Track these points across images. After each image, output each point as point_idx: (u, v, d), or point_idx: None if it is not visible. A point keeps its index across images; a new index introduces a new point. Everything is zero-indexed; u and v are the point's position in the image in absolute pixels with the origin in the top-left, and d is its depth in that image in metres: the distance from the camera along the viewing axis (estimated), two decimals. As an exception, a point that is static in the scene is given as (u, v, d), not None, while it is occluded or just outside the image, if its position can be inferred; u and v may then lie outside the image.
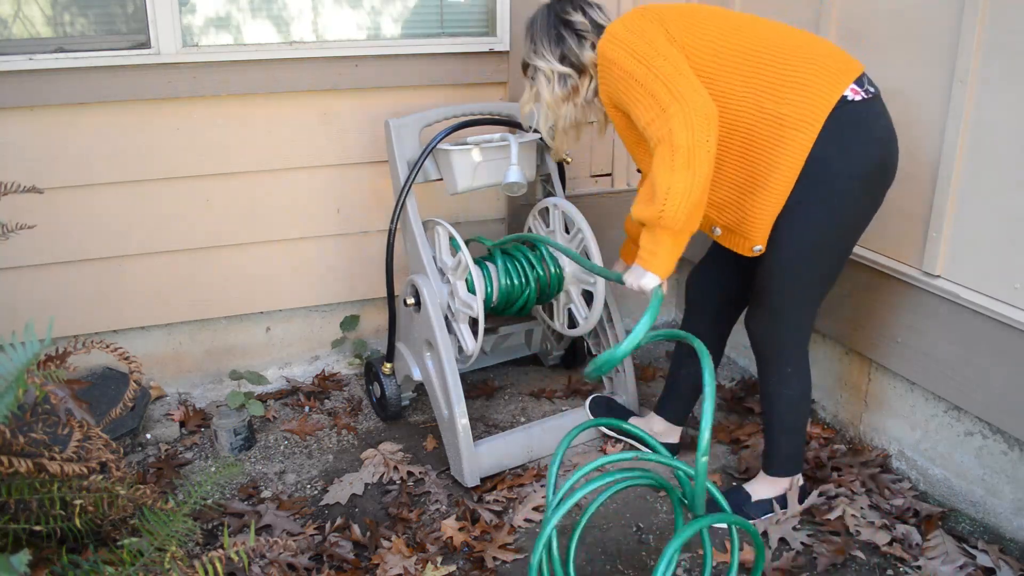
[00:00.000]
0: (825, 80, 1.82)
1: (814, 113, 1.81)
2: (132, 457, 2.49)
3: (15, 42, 2.39)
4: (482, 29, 2.82)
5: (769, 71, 1.84)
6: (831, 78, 1.82)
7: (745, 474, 2.37)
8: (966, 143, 2.04)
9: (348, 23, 2.69)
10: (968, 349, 2.08)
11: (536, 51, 2.08)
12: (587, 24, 2.05)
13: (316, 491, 2.36)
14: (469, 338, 2.40)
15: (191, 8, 2.50)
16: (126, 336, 2.70)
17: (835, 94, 1.82)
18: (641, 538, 2.15)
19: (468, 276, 2.37)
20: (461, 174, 2.44)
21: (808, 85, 1.82)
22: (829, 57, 1.86)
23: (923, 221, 2.17)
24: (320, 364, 3.00)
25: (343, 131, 2.73)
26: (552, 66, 2.05)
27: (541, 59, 2.07)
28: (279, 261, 2.80)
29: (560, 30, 2.05)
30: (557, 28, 2.05)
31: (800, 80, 1.82)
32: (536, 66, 2.08)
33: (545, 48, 2.06)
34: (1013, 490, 2.06)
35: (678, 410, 2.43)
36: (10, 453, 1.55)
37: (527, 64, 2.13)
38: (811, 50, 1.86)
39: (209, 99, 2.56)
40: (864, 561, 2.04)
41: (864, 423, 2.50)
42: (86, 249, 2.57)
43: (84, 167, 2.49)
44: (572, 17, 2.05)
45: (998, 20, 1.93)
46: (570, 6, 2.07)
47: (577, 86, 2.06)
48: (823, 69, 1.83)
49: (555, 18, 2.06)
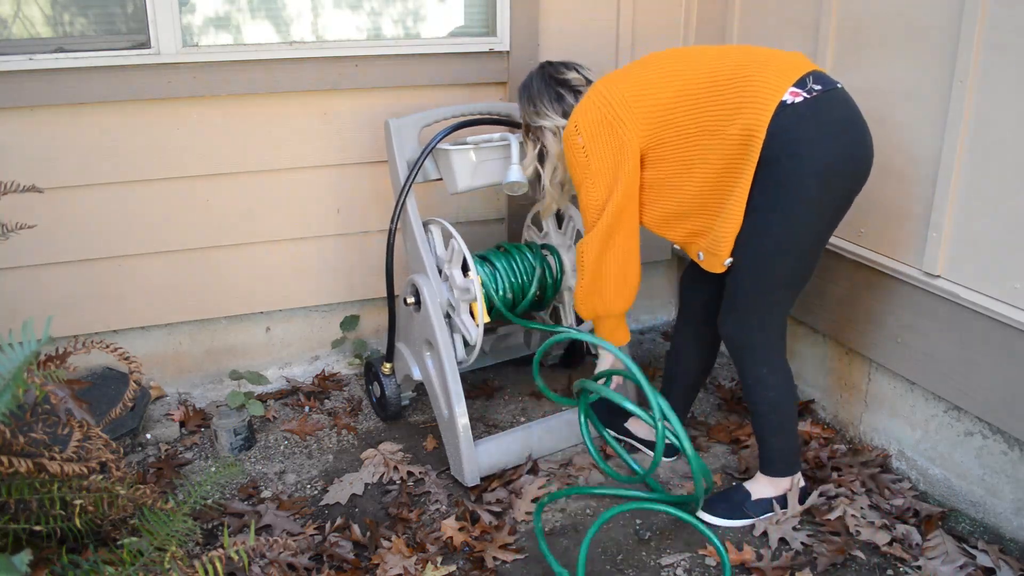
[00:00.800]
0: (764, 90, 1.86)
1: (757, 123, 1.85)
2: (132, 457, 2.49)
3: (15, 42, 2.39)
4: (482, 29, 2.82)
5: (717, 99, 1.91)
6: (770, 87, 1.86)
7: (745, 474, 2.37)
8: (966, 143, 2.04)
9: (348, 23, 2.69)
10: (968, 349, 2.08)
11: (539, 112, 2.23)
12: (582, 80, 2.23)
13: (316, 491, 2.36)
14: (471, 326, 2.40)
15: (191, 8, 2.50)
16: (126, 336, 2.70)
17: (772, 102, 1.85)
18: (641, 537, 2.15)
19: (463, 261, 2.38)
20: (461, 174, 2.44)
21: (749, 99, 1.86)
22: (765, 66, 1.89)
23: (923, 221, 2.17)
24: (320, 364, 3.00)
25: (343, 131, 2.73)
26: (556, 123, 2.21)
27: (545, 119, 2.22)
28: (279, 261, 2.80)
29: (558, 89, 2.22)
30: (554, 88, 2.21)
31: (742, 97, 1.87)
32: (542, 126, 2.23)
33: (547, 107, 2.21)
34: (1013, 490, 2.06)
35: (676, 407, 2.43)
36: (10, 453, 1.55)
37: (530, 127, 2.28)
38: (747, 68, 1.91)
39: (209, 99, 2.56)
40: (864, 561, 2.04)
41: (864, 423, 2.50)
42: (86, 249, 2.57)
43: (84, 167, 2.49)
44: (567, 76, 2.23)
45: (998, 20, 1.93)
46: (562, 67, 2.25)
47: None
48: (761, 79, 1.87)
49: (550, 79, 2.22)
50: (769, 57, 1.94)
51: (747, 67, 1.91)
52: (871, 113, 2.16)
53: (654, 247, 3.04)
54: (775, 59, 1.93)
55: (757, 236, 1.95)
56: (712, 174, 1.95)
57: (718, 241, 2.00)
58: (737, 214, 1.94)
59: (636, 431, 2.49)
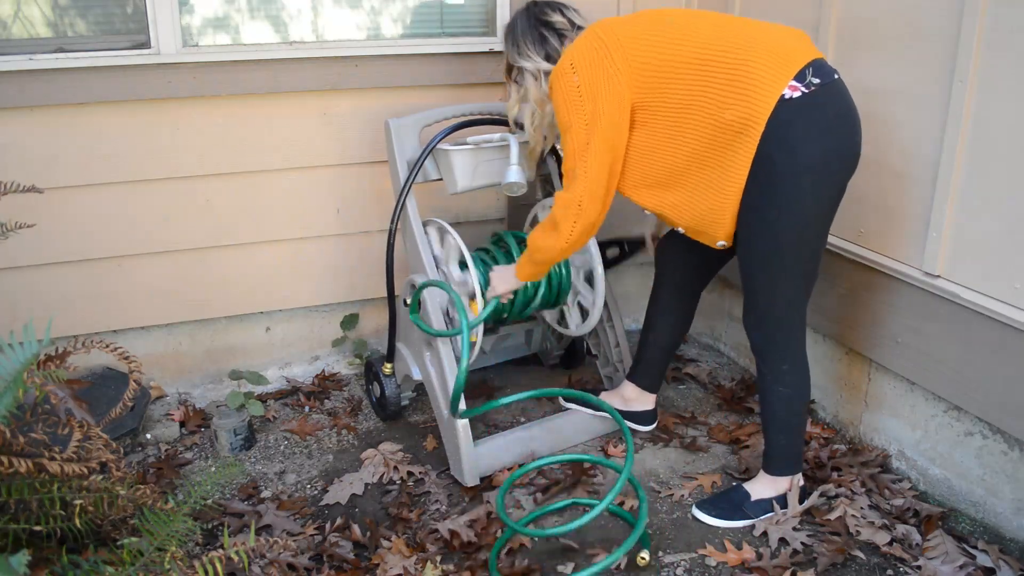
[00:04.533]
0: (763, 81, 1.85)
1: (755, 116, 1.85)
2: (132, 457, 2.49)
3: (15, 42, 2.39)
4: (482, 29, 2.82)
5: (714, 79, 1.89)
6: (770, 79, 1.85)
7: (745, 474, 2.37)
8: (966, 143, 2.03)
9: (348, 23, 2.69)
10: (968, 349, 2.08)
11: (520, 52, 2.18)
12: (566, 23, 2.17)
13: (316, 491, 2.36)
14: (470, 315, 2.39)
15: (191, 8, 2.50)
16: (126, 336, 2.70)
17: (774, 95, 1.84)
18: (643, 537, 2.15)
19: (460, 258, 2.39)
20: (461, 174, 2.44)
21: (748, 89, 1.86)
22: (769, 54, 1.88)
23: (923, 221, 2.17)
24: (320, 364, 3.00)
25: (343, 131, 2.73)
26: (538, 65, 2.17)
27: (527, 60, 2.18)
28: (279, 261, 2.80)
29: (541, 31, 2.17)
30: (538, 29, 2.17)
31: (740, 85, 1.86)
32: (522, 67, 2.20)
33: (529, 48, 2.17)
34: (1013, 490, 2.06)
35: (650, 375, 2.47)
36: (10, 453, 1.55)
37: (511, 67, 2.23)
38: (753, 50, 1.88)
39: (209, 99, 2.56)
40: (864, 561, 2.04)
41: (864, 423, 2.50)
42: (86, 249, 2.57)
43: (84, 167, 2.49)
44: (551, 18, 2.17)
45: (998, 20, 1.93)
46: (548, 8, 2.19)
47: None
48: (762, 69, 1.86)
49: (535, 20, 2.18)
50: (771, 39, 1.91)
51: (749, 50, 1.88)
52: (871, 113, 2.17)
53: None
54: (778, 43, 1.91)
55: (759, 236, 1.96)
56: (700, 153, 1.94)
57: (707, 222, 2.01)
58: (729, 202, 1.94)
59: (612, 403, 2.50)
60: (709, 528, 2.17)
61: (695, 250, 2.24)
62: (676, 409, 2.75)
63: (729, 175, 1.92)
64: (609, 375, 2.75)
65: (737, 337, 3.05)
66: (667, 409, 2.73)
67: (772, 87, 1.84)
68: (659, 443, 2.55)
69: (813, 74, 1.87)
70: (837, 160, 1.93)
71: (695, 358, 3.11)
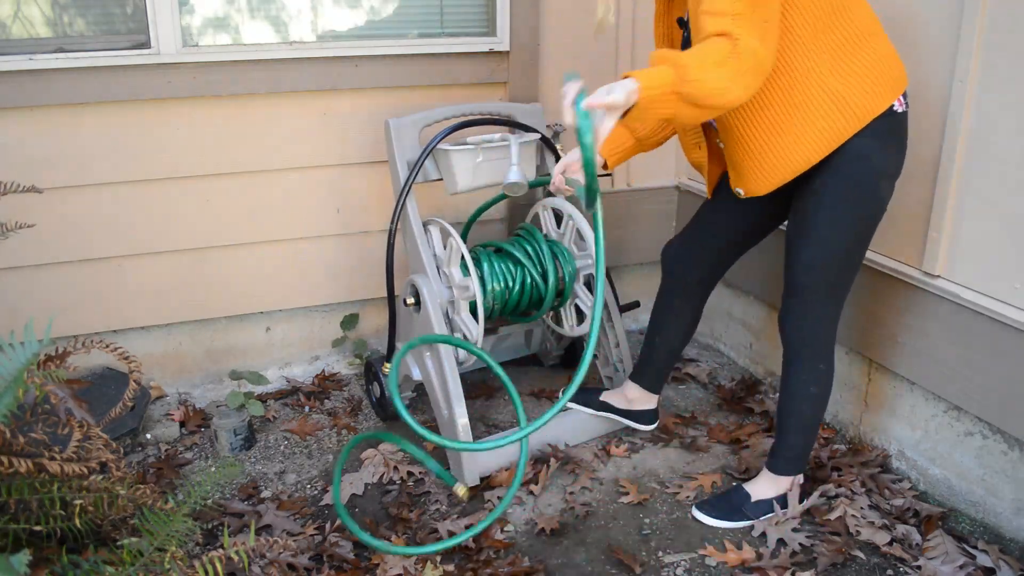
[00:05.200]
0: (886, 83, 1.86)
1: (865, 109, 1.84)
2: (132, 457, 2.49)
3: (15, 42, 2.39)
4: (482, 29, 2.82)
5: (845, 44, 1.82)
6: (890, 83, 1.86)
7: (745, 474, 2.37)
8: (966, 143, 2.04)
9: (348, 23, 2.69)
10: (968, 349, 2.08)
11: None
12: None
13: (316, 491, 2.35)
14: (472, 325, 2.39)
15: (191, 8, 2.50)
16: (126, 336, 2.70)
17: (889, 100, 1.86)
18: (643, 537, 2.15)
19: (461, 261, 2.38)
20: (461, 174, 2.44)
21: (869, 79, 1.84)
22: (893, 62, 1.88)
23: (923, 221, 2.17)
24: (320, 364, 3.00)
25: (343, 131, 2.73)
26: None
27: None
28: (279, 261, 2.80)
29: None
30: None
31: (864, 71, 1.84)
32: None
33: None
34: (1013, 490, 2.06)
35: (653, 377, 2.46)
36: (10, 453, 1.55)
37: None
38: (883, 50, 1.87)
39: (209, 99, 2.56)
40: (864, 561, 2.04)
41: (864, 423, 2.50)
42: (86, 249, 2.57)
43: (84, 167, 2.49)
44: None
45: (998, 20, 1.93)
46: None
47: None
48: (887, 71, 1.86)
49: None
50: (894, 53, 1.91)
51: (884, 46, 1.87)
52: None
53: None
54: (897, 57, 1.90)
55: (839, 227, 1.93)
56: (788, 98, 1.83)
57: (749, 165, 1.92)
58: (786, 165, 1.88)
59: (615, 403, 2.50)
60: (709, 528, 2.17)
61: (705, 253, 2.23)
62: (676, 409, 2.75)
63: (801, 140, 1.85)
64: (609, 375, 2.75)
65: (737, 337, 3.05)
66: (667, 409, 2.73)
67: (890, 92, 1.86)
68: (659, 443, 2.55)
69: (905, 97, 1.91)
70: (897, 176, 1.96)
71: (695, 358, 3.11)
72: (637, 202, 2.57)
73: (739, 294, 3.00)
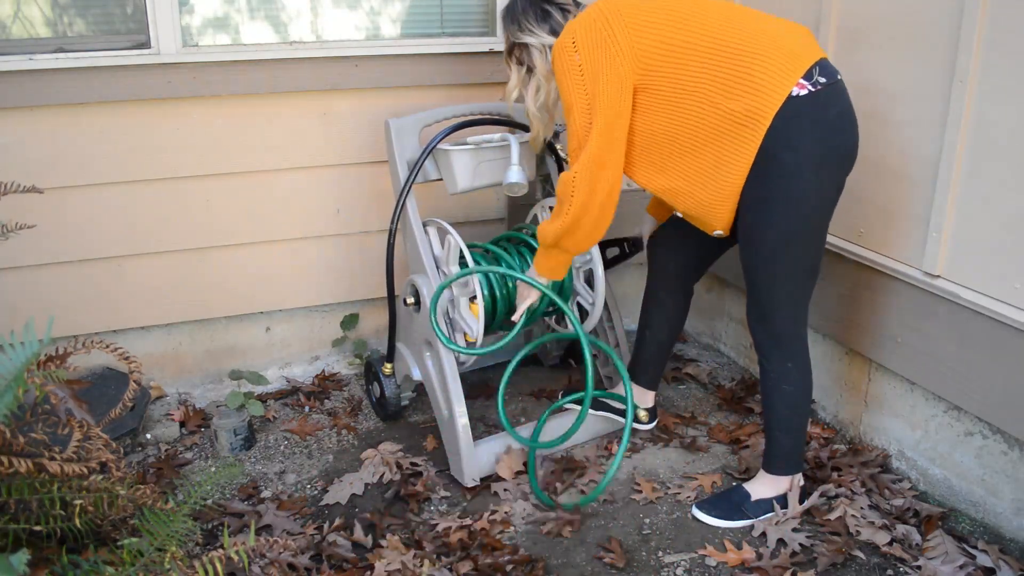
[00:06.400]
0: (774, 77, 1.85)
1: (762, 110, 1.85)
2: (132, 457, 2.49)
3: (15, 42, 2.39)
4: (482, 29, 2.82)
5: (721, 67, 1.88)
6: (780, 75, 1.85)
7: (745, 474, 2.37)
8: (966, 143, 2.04)
9: (348, 23, 2.69)
10: (968, 349, 2.08)
11: (523, 29, 2.15)
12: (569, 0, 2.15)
13: (316, 491, 2.36)
14: (472, 322, 2.38)
15: (191, 8, 2.50)
16: (126, 336, 2.70)
17: (783, 91, 1.85)
18: (643, 537, 2.15)
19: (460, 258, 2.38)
20: (461, 174, 2.43)
21: (757, 83, 1.85)
22: (779, 51, 1.88)
23: (923, 221, 2.17)
24: (320, 364, 3.00)
25: (343, 131, 2.73)
26: (543, 40, 2.14)
27: (530, 35, 2.14)
28: (279, 261, 2.80)
29: (543, 6, 2.15)
30: (540, 5, 2.14)
31: (749, 77, 1.86)
32: (526, 43, 2.14)
33: (533, 25, 2.13)
34: (1013, 490, 2.06)
35: (648, 373, 2.47)
36: (10, 453, 1.55)
37: (513, 46, 2.18)
38: (761, 43, 1.88)
39: (209, 99, 2.56)
40: (864, 561, 2.04)
41: (864, 423, 2.50)
42: (86, 249, 2.57)
43: (84, 167, 2.49)
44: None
45: (998, 20, 1.93)
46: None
47: None
48: (773, 65, 1.86)
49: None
50: (780, 35, 1.91)
51: (758, 43, 1.88)
52: (871, 112, 2.17)
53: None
54: (786, 39, 1.91)
55: (761, 229, 1.96)
56: (699, 140, 1.93)
57: (705, 211, 2.01)
58: (729, 193, 1.94)
59: (615, 403, 2.51)
60: (709, 528, 2.17)
61: (688, 242, 2.25)
62: (676, 409, 2.75)
63: (730, 166, 1.92)
64: (609, 375, 2.75)
65: (737, 337, 3.05)
66: (667, 409, 2.73)
67: (782, 83, 1.85)
68: (659, 443, 2.55)
69: (819, 73, 1.88)
70: (837, 157, 1.94)
71: (695, 358, 3.11)
72: (639, 201, 2.57)
73: (739, 294, 3.00)
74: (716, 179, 1.95)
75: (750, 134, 1.87)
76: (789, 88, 1.85)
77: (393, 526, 2.18)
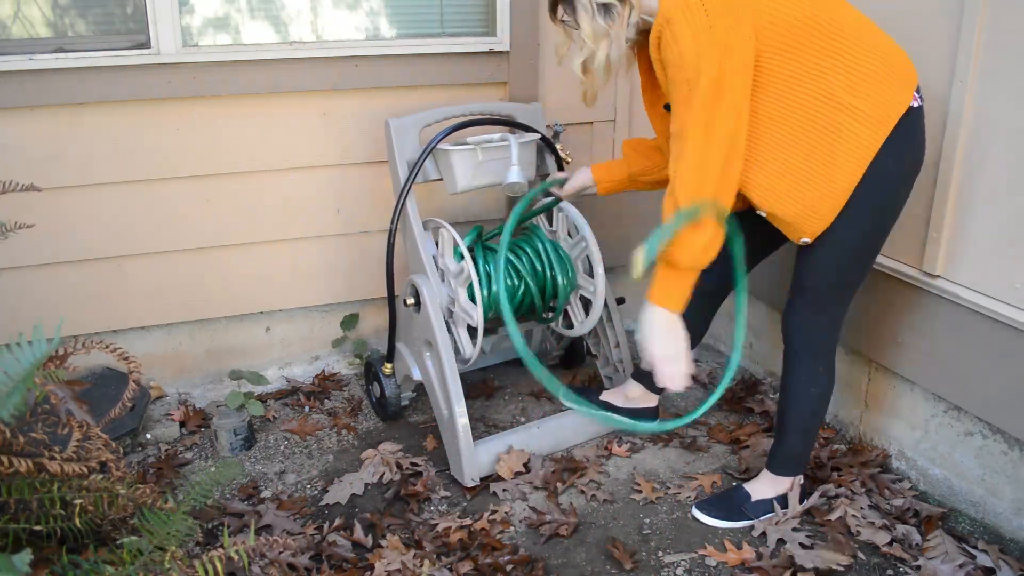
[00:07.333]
0: (899, 83, 1.82)
1: (887, 114, 1.80)
2: (132, 457, 2.49)
3: (15, 42, 2.39)
4: (482, 29, 2.82)
5: (845, 58, 1.78)
6: (903, 82, 1.83)
7: (745, 474, 2.37)
8: (966, 143, 2.04)
9: (348, 23, 2.69)
10: (968, 349, 2.08)
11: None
12: None
13: (316, 491, 2.36)
14: (467, 343, 2.40)
15: (191, 8, 2.50)
16: (126, 336, 2.70)
17: (907, 99, 1.82)
18: (643, 537, 2.15)
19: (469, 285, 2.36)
20: (461, 174, 2.44)
21: (884, 84, 1.80)
22: (900, 58, 1.85)
23: (923, 221, 2.17)
24: (320, 364, 3.00)
25: (343, 131, 2.73)
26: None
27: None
28: (279, 261, 2.80)
29: None
30: None
31: (877, 77, 1.80)
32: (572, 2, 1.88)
33: None
34: (1013, 490, 2.06)
35: None
36: (10, 453, 1.55)
37: (557, 5, 1.93)
38: (886, 48, 1.84)
39: (209, 99, 2.56)
40: (864, 561, 2.04)
41: (864, 423, 2.50)
42: (86, 249, 2.57)
43: (84, 167, 2.49)
44: None
45: (998, 20, 1.93)
46: None
47: (620, 14, 1.86)
48: (897, 71, 1.83)
49: None
50: (899, 49, 1.86)
51: (891, 45, 1.84)
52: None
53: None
54: (903, 54, 1.86)
55: (856, 232, 1.90)
56: (808, 133, 1.81)
57: (805, 215, 1.86)
58: (839, 197, 1.83)
59: (616, 402, 2.51)
60: (709, 528, 2.17)
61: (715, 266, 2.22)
62: (676, 409, 2.75)
63: (841, 168, 1.81)
64: (609, 375, 2.75)
65: (737, 337, 3.05)
66: (667, 409, 2.73)
67: (905, 91, 1.82)
68: (659, 443, 2.55)
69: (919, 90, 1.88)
70: (915, 173, 1.93)
71: (695, 358, 3.09)
72: (640, 201, 2.57)
73: (739, 294, 3.00)
74: (826, 181, 1.83)
75: (870, 135, 1.79)
76: (911, 97, 1.83)
77: (393, 526, 2.18)
